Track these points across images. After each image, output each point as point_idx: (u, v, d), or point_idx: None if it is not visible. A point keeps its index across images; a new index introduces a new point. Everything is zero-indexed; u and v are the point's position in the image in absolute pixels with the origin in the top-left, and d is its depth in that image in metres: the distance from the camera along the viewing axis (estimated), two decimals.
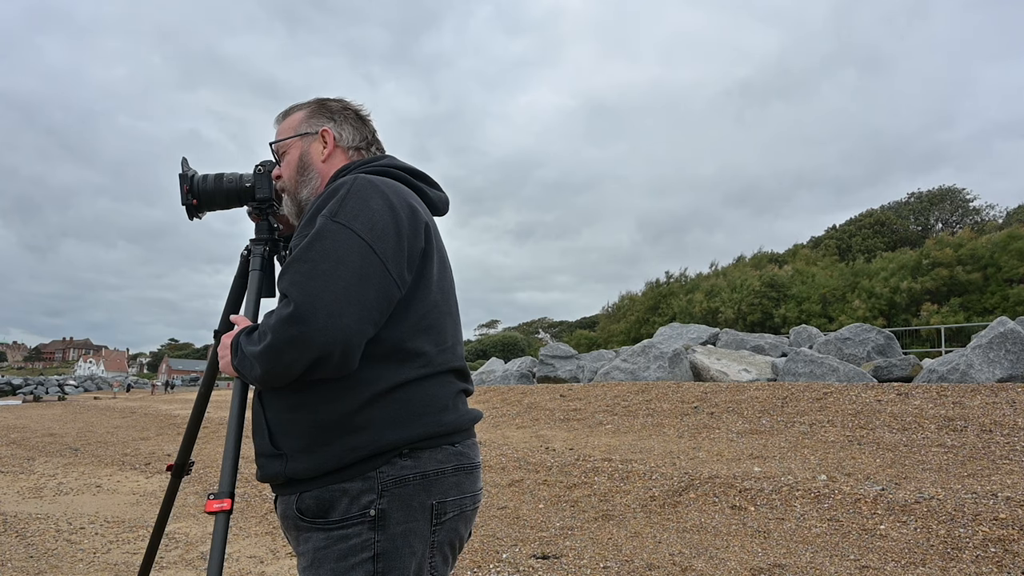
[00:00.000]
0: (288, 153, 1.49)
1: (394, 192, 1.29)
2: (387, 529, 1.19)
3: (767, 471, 5.63)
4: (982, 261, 21.86)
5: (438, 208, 1.48)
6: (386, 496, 1.20)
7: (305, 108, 1.51)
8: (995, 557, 3.66)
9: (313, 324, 1.13)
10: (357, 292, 1.16)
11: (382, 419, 1.22)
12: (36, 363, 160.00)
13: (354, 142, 1.49)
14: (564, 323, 63.43)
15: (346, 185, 1.27)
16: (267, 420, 1.28)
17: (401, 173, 1.40)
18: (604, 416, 9.24)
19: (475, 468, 1.33)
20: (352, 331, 1.15)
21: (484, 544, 4.31)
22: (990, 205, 31.82)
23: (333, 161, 1.46)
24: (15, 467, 8.37)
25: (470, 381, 1.41)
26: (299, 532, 1.25)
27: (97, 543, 4.60)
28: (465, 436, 1.33)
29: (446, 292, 1.37)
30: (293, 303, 1.15)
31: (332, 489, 1.20)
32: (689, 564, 3.80)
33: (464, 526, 1.31)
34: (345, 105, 1.52)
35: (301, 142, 1.48)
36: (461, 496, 1.28)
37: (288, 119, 1.52)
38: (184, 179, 1.60)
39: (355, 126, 1.50)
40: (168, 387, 46.29)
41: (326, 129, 1.47)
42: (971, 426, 6.51)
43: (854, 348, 11.99)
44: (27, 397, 41.13)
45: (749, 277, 27.46)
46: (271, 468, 1.26)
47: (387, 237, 1.22)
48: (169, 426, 13.85)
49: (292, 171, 1.47)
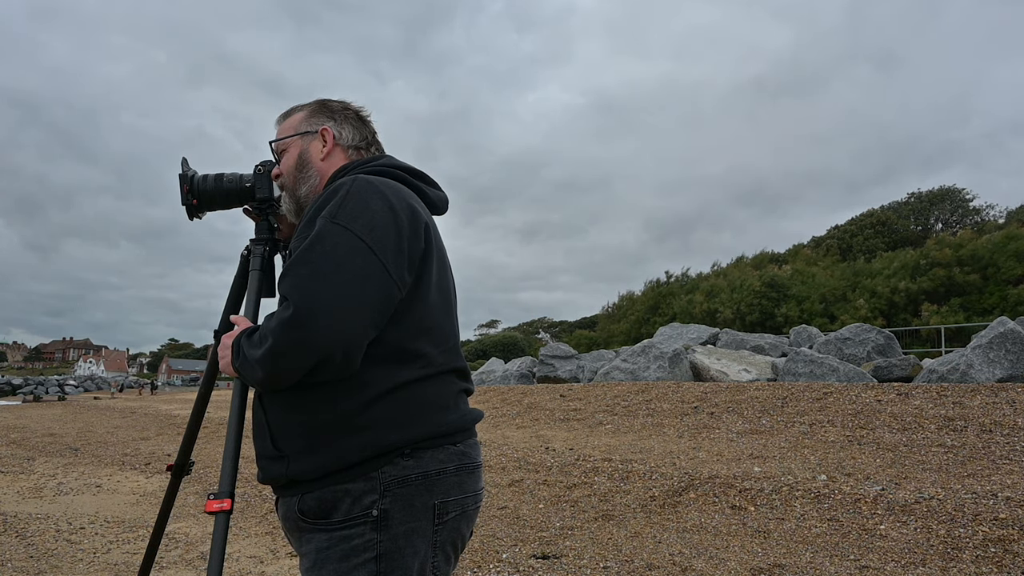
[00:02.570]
0: (288, 151, 1.50)
1: (394, 192, 1.29)
2: (389, 529, 1.19)
3: (767, 471, 5.63)
4: (982, 261, 21.88)
5: (438, 207, 1.48)
6: (388, 496, 1.20)
7: (306, 108, 1.52)
8: (995, 557, 3.66)
9: (313, 328, 1.13)
10: (357, 294, 1.16)
11: (384, 419, 1.22)
12: (36, 363, 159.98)
13: (354, 141, 1.50)
14: (564, 323, 63.42)
15: (345, 186, 1.27)
16: (268, 422, 1.28)
17: (400, 173, 1.41)
18: (604, 416, 9.24)
19: (477, 467, 1.33)
20: (353, 334, 1.15)
21: (484, 544, 4.31)
22: (990, 205, 31.83)
23: (332, 160, 1.47)
24: (15, 467, 8.37)
25: (471, 381, 1.41)
26: (301, 533, 1.25)
27: (97, 543, 4.60)
28: (467, 436, 1.33)
29: (445, 292, 1.37)
30: (293, 306, 1.15)
31: (334, 490, 1.20)
32: (689, 564, 3.80)
33: (466, 525, 1.32)
34: (346, 106, 1.53)
35: (301, 141, 1.49)
36: (463, 496, 1.28)
37: (289, 119, 1.53)
38: (184, 179, 1.60)
39: (355, 126, 1.51)
40: (152, 388, 46.12)
41: (326, 128, 1.48)
42: (971, 426, 6.51)
43: (854, 348, 11.99)
44: (27, 397, 41.05)
45: (749, 277, 27.47)
46: (273, 470, 1.26)
47: (387, 238, 1.21)
48: (169, 426, 13.84)
49: (291, 169, 1.48)
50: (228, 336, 1.33)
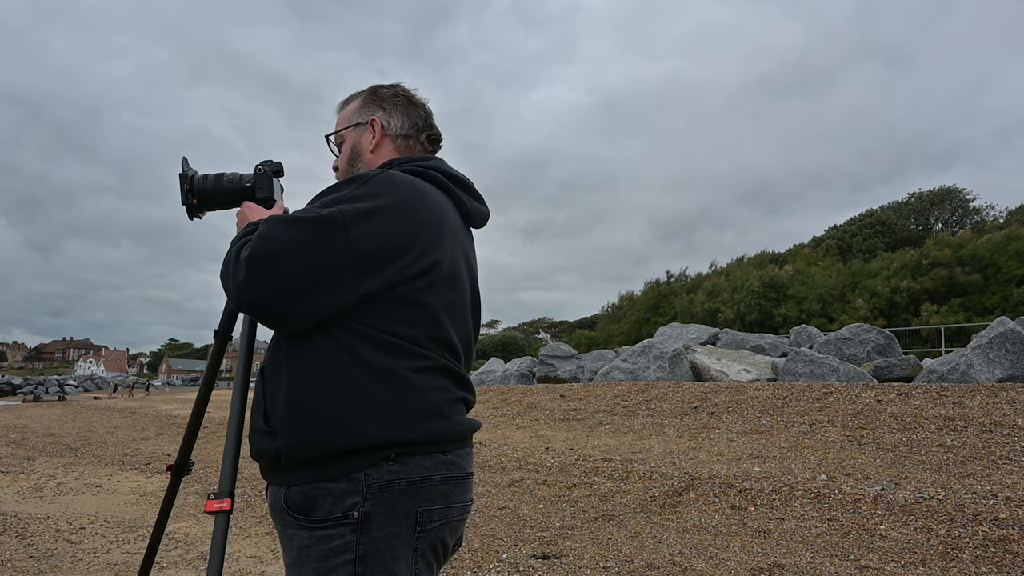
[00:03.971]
0: (344, 144, 1.51)
1: (410, 189, 1.30)
2: (370, 532, 1.18)
3: (767, 471, 5.63)
4: (982, 261, 21.88)
5: (475, 221, 1.47)
6: (370, 499, 1.19)
7: (359, 97, 1.53)
8: (995, 557, 3.66)
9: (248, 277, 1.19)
10: (299, 265, 1.19)
11: (375, 412, 1.21)
12: (36, 363, 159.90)
13: (403, 129, 1.49)
14: (564, 323, 63.40)
15: (368, 174, 1.30)
16: (264, 395, 1.29)
17: (442, 178, 1.39)
18: (604, 416, 9.24)
19: (466, 478, 1.32)
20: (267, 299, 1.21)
21: (484, 544, 4.31)
22: (990, 205, 31.82)
23: (381, 151, 1.47)
24: (15, 467, 8.37)
25: (472, 392, 1.38)
26: (284, 528, 1.26)
27: (97, 543, 4.60)
28: (459, 446, 1.31)
29: (457, 304, 1.35)
30: (251, 248, 1.20)
31: (317, 488, 1.20)
32: (689, 564, 3.80)
33: (450, 535, 1.30)
34: (396, 92, 1.51)
35: (354, 132, 1.50)
36: (449, 505, 1.27)
37: (345, 109, 1.53)
38: (184, 179, 1.60)
39: (405, 112, 1.50)
40: (145, 388, 45.16)
41: (375, 118, 1.48)
42: (971, 426, 6.51)
43: (854, 348, 11.99)
44: (27, 397, 41.05)
45: (750, 277, 27.46)
46: (261, 444, 1.27)
47: (374, 232, 1.22)
48: (169, 426, 13.84)
49: (344, 162, 1.50)
50: (254, 215, 1.45)
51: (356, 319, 1.23)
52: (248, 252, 1.20)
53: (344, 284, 1.21)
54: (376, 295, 1.23)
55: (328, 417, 1.21)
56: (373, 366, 1.22)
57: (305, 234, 1.20)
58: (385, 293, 1.24)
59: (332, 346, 1.23)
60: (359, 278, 1.21)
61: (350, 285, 1.21)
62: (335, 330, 1.23)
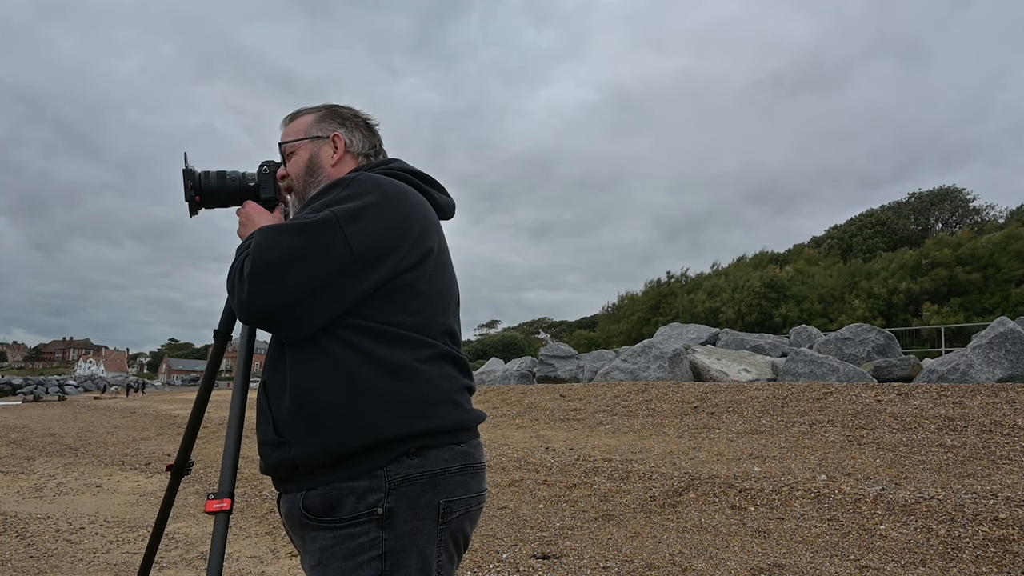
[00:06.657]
0: (297, 154, 1.51)
1: (393, 189, 1.34)
2: (394, 527, 1.20)
3: (767, 471, 5.63)
4: (982, 261, 21.88)
5: (444, 212, 1.51)
6: (393, 494, 1.20)
7: (315, 112, 1.54)
8: (995, 557, 3.66)
9: (256, 284, 1.21)
10: (304, 271, 1.21)
11: (385, 407, 1.22)
12: (36, 363, 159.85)
13: (363, 149, 1.52)
14: (564, 323, 63.41)
15: (348, 178, 1.32)
16: (271, 407, 1.29)
17: (409, 176, 1.44)
18: (604, 416, 9.24)
19: (480, 468, 1.35)
20: (271, 303, 1.21)
21: (484, 544, 4.31)
22: (990, 205, 31.82)
23: (342, 166, 1.49)
24: (15, 467, 8.37)
25: (472, 378, 1.42)
26: (305, 531, 1.25)
27: (97, 543, 4.60)
28: (471, 436, 1.34)
29: (446, 291, 1.39)
30: (251, 261, 1.21)
31: (339, 487, 1.21)
32: (689, 564, 3.80)
33: (470, 525, 1.33)
34: (355, 113, 1.55)
35: (311, 145, 1.50)
36: (467, 496, 1.29)
37: (297, 121, 1.54)
38: (188, 175, 1.60)
39: (364, 134, 1.54)
40: (139, 389, 45.08)
41: (337, 134, 1.50)
42: (971, 426, 6.51)
43: (854, 348, 11.99)
44: (27, 397, 41.08)
45: (750, 277, 27.45)
46: (275, 456, 1.27)
47: (367, 231, 1.25)
48: (169, 426, 13.85)
49: (301, 172, 1.50)
50: (260, 218, 1.45)
51: (359, 315, 1.25)
52: (250, 265, 1.21)
53: (348, 282, 1.23)
54: (377, 289, 1.26)
55: (344, 416, 1.21)
56: (383, 360, 1.24)
57: (305, 239, 1.22)
58: (385, 286, 1.27)
59: (338, 346, 1.24)
60: (361, 274, 1.24)
61: (354, 283, 1.24)
62: (338, 329, 1.25)
